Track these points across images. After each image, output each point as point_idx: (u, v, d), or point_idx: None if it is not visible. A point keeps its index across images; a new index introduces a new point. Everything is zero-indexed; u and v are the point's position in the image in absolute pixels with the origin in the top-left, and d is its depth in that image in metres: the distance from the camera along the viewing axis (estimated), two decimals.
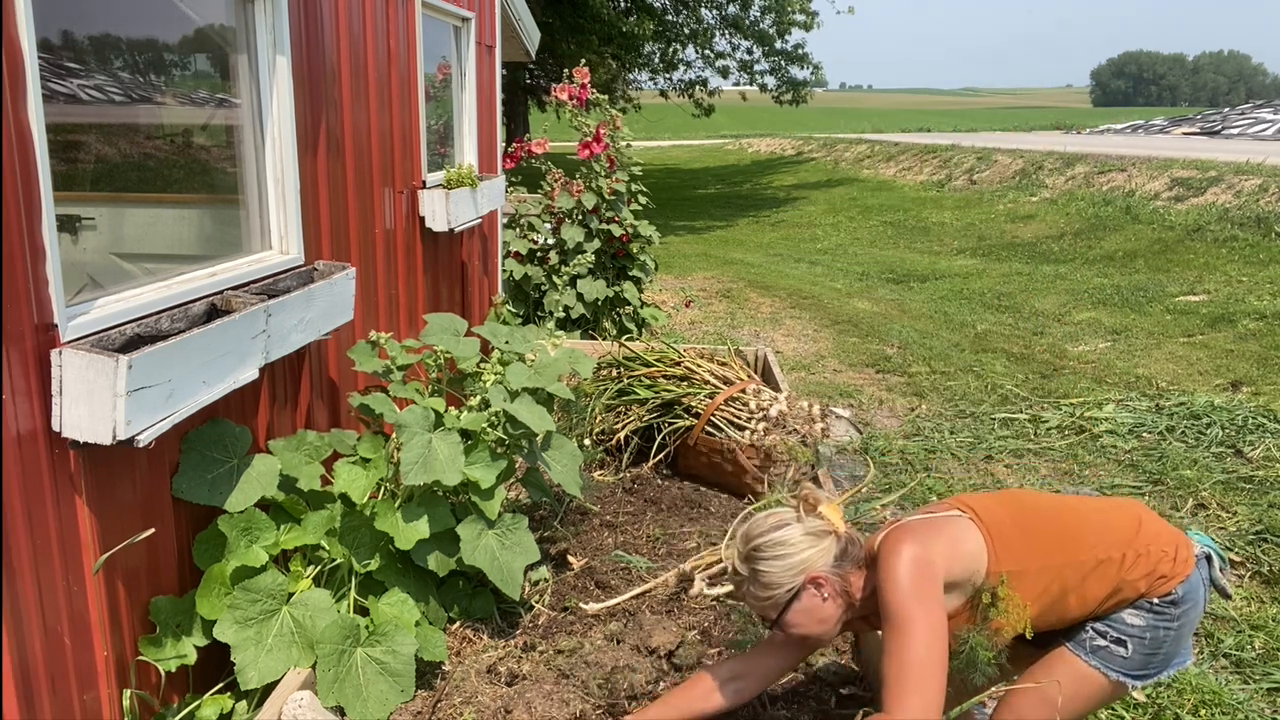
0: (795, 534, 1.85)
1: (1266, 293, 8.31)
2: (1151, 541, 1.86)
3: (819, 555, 1.84)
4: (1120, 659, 1.85)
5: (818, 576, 1.84)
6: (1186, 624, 1.87)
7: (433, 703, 2.42)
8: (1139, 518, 1.91)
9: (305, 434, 2.64)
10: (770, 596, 1.85)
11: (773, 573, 1.84)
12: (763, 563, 1.85)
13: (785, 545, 1.84)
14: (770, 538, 1.86)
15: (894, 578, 1.74)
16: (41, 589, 1.79)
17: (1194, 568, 1.87)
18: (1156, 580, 1.84)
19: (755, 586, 1.86)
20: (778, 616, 1.87)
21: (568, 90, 5.92)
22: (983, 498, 1.95)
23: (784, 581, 1.83)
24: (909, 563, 1.75)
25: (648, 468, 4.17)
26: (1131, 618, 1.85)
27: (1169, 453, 4.77)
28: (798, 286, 9.96)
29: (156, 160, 2.43)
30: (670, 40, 20.84)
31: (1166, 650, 1.86)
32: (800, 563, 1.83)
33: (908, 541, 1.78)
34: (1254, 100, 51.90)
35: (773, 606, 1.87)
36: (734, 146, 35.64)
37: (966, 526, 1.85)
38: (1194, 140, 21.41)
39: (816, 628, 1.88)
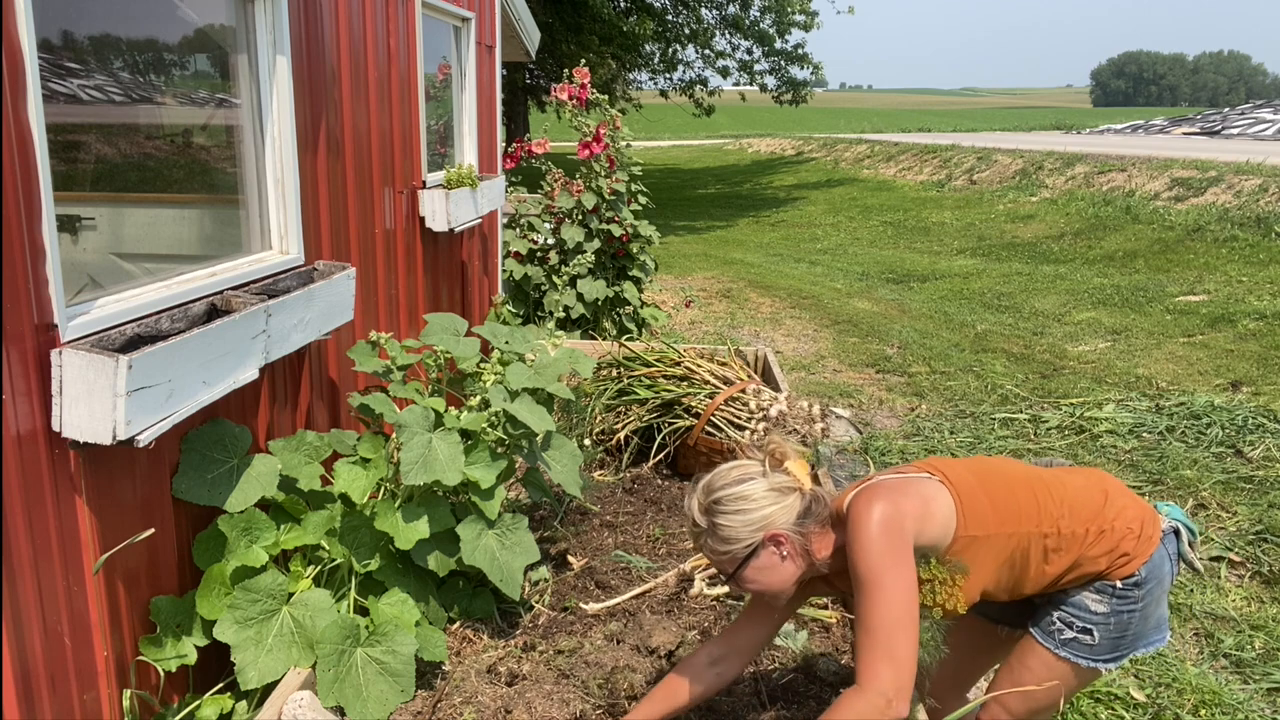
0: (758, 489, 1.80)
1: (1266, 293, 8.31)
2: (1116, 517, 1.83)
3: (781, 512, 1.79)
4: (1088, 647, 1.85)
5: (778, 534, 1.79)
6: (1151, 602, 1.85)
7: (433, 703, 2.42)
8: (1105, 491, 1.88)
9: (305, 434, 2.64)
10: (728, 551, 1.81)
11: (732, 527, 1.79)
12: (722, 516, 1.80)
13: (746, 500, 1.79)
14: (732, 491, 1.81)
15: (865, 538, 1.70)
16: (41, 589, 1.79)
17: (1158, 545, 1.84)
18: (1118, 558, 1.81)
19: (713, 540, 1.82)
20: (734, 571, 1.83)
21: (568, 90, 5.92)
22: (952, 463, 1.91)
23: (743, 537, 1.79)
24: (880, 522, 1.70)
25: (648, 468, 4.17)
26: (1095, 604, 1.83)
27: (1169, 453, 4.77)
28: (798, 286, 9.96)
29: (156, 160, 2.43)
30: (670, 40, 20.84)
31: (1134, 630, 1.85)
32: (761, 519, 1.78)
33: (879, 500, 1.73)
34: (1254, 100, 51.89)
35: (730, 561, 1.82)
36: (734, 146, 35.64)
37: (937, 489, 1.81)
38: (1194, 140, 21.41)
39: (774, 585, 1.84)
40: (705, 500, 1.83)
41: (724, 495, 1.80)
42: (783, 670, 2.57)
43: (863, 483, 1.87)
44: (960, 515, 1.78)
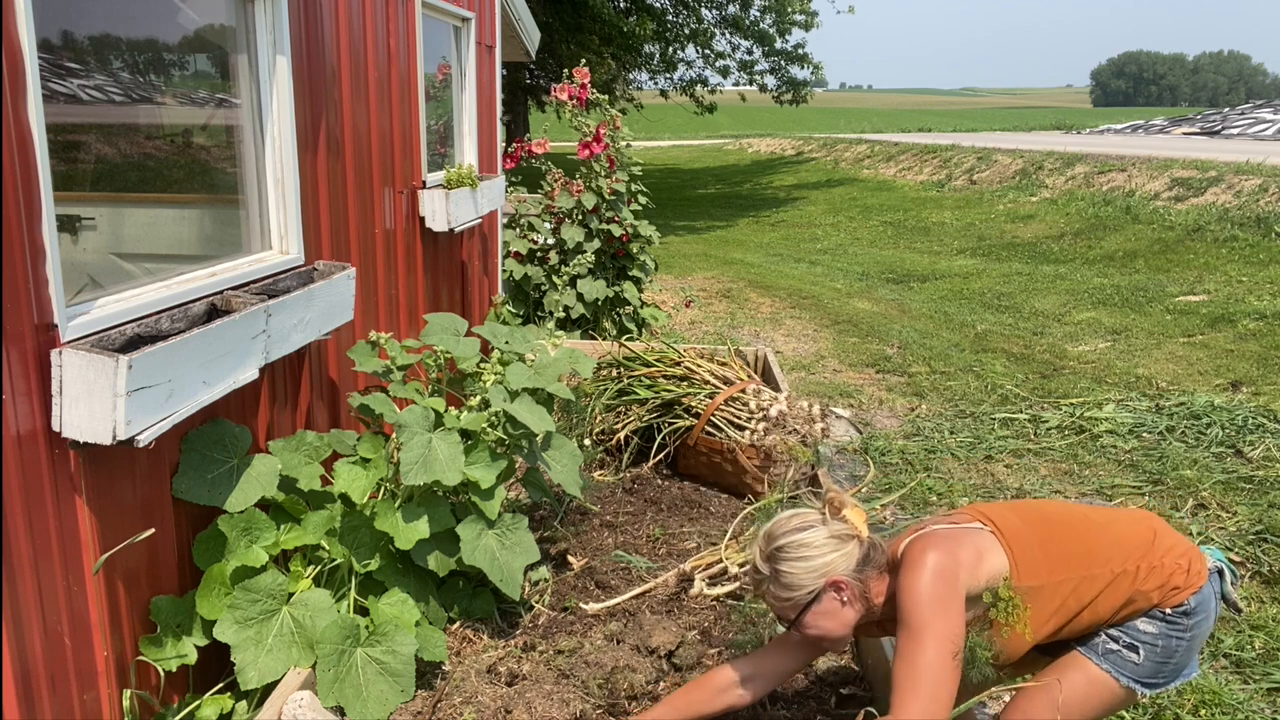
0: (820, 537, 1.85)
1: (1266, 293, 8.31)
2: (1166, 554, 1.88)
3: (842, 559, 1.84)
4: (1132, 665, 1.87)
5: (839, 580, 1.83)
6: (1198, 635, 1.88)
7: (433, 703, 2.42)
8: (1154, 529, 1.93)
9: (305, 434, 2.64)
10: (791, 598, 1.85)
11: (795, 574, 1.83)
12: (785, 563, 1.84)
13: (809, 547, 1.84)
14: (795, 539, 1.85)
15: (916, 583, 1.75)
16: (41, 589, 1.79)
17: (1206, 580, 1.89)
18: (1170, 591, 1.85)
19: (776, 586, 1.86)
20: (796, 617, 1.87)
21: (568, 90, 5.92)
22: (1001, 509, 1.95)
23: (805, 584, 1.83)
24: (933, 570, 1.75)
25: (648, 468, 4.17)
26: (1145, 625, 1.86)
27: (1169, 453, 4.77)
28: (798, 286, 9.96)
29: (156, 160, 2.43)
30: (670, 40, 20.83)
31: (1178, 660, 1.88)
32: (823, 565, 1.83)
33: (934, 549, 1.79)
34: (1254, 100, 51.91)
35: (792, 607, 1.87)
36: (734, 146, 35.64)
37: (990, 541, 1.85)
38: (1194, 140, 21.42)
39: (834, 630, 1.88)
40: (767, 547, 1.88)
41: (787, 543, 1.85)
42: None
43: (918, 529, 1.91)
44: (1014, 566, 1.82)
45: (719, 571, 3.09)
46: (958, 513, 1.97)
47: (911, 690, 1.66)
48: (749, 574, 1.96)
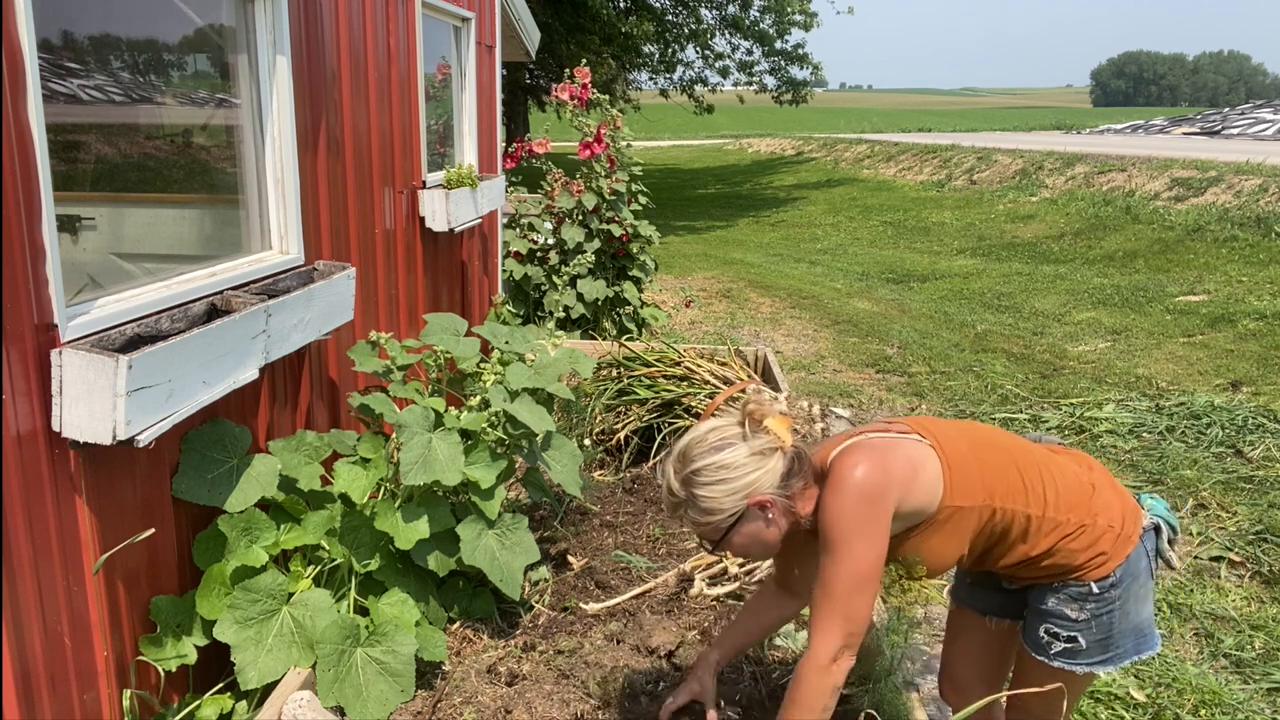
0: (740, 455, 1.70)
1: (1266, 293, 8.31)
2: (1100, 513, 1.81)
3: (765, 476, 1.70)
4: (1080, 653, 1.86)
5: (763, 499, 1.71)
6: (1130, 598, 1.84)
7: (433, 703, 2.42)
8: (1094, 484, 1.86)
9: (305, 434, 2.64)
10: (711, 521, 1.73)
11: (714, 498, 1.70)
12: (703, 487, 1.70)
13: (728, 469, 1.70)
14: (712, 460, 1.71)
15: (839, 503, 1.65)
16: (41, 589, 1.79)
17: (1137, 543, 1.83)
18: (1095, 556, 1.79)
19: (694, 511, 1.73)
20: (719, 539, 1.76)
21: (569, 90, 5.93)
22: (943, 426, 1.85)
23: (726, 507, 1.70)
24: (859, 489, 1.65)
25: (648, 468, 4.17)
26: (1074, 613, 1.83)
27: (1169, 453, 4.77)
28: (798, 286, 9.96)
29: (156, 160, 2.43)
30: (670, 41, 20.83)
31: (1118, 629, 1.85)
32: (745, 486, 1.70)
33: (863, 463, 1.67)
34: (1254, 100, 51.92)
35: (714, 530, 1.74)
36: (734, 146, 35.65)
37: (927, 454, 1.75)
38: (1194, 140, 21.42)
39: (758, 551, 1.80)
40: (683, 470, 1.73)
41: (704, 465, 1.71)
42: (783, 670, 2.56)
43: (848, 437, 1.80)
44: (947, 484, 1.73)
45: (719, 571, 3.09)
46: (898, 422, 1.85)
47: (829, 617, 1.64)
48: (664, 497, 1.79)
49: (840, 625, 1.64)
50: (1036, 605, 1.90)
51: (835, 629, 1.64)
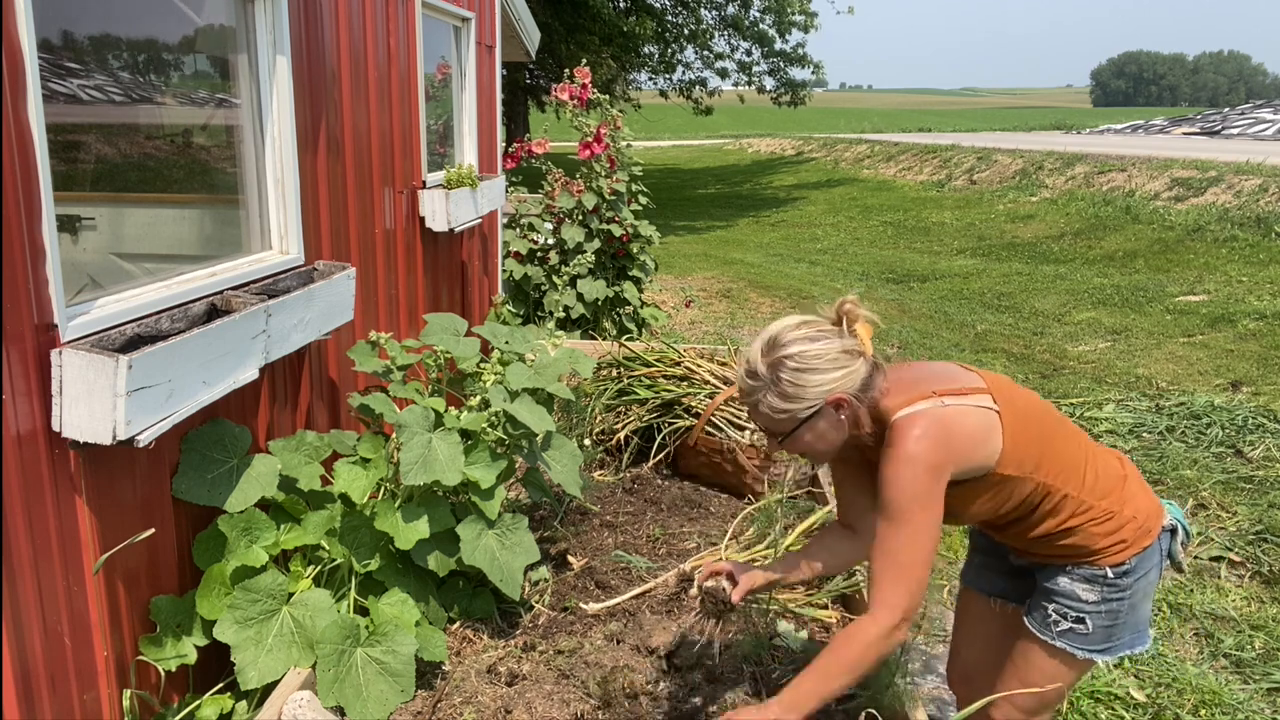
0: (833, 349, 1.70)
1: (1266, 293, 8.31)
2: (1127, 503, 1.83)
3: (849, 377, 1.70)
4: (1083, 636, 1.87)
5: (842, 398, 1.70)
6: (1139, 592, 1.86)
7: (433, 703, 2.42)
8: (1125, 475, 1.89)
9: (305, 434, 2.64)
10: (789, 411, 1.70)
11: (801, 386, 1.68)
12: (792, 373, 1.68)
13: (819, 359, 1.69)
14: (806, 348, 1.69)
15: (905, 469, 1.65)
16: (41, 589, 1.79)
17: (1154, 540, 1.85)
18: (1114, 544, 1.82)
19: (774, 396, 1.70)
20: (789, 432, 1.73)
21: (569, 90, 5.93)
22: (1011, 391, 1.84)
23: (808, 398, 1.69)
24: (924, 458, 1.65)
25: (648, 468, 4.17)
26: (1085, 594, 1.85)
27: (1169, 453, 4.77)
28: (798, 286, 9.96)
29: (156, 160, 2.43)
30: (670, 41, 20.84)
31: (1124, 620, 1.86)
32: (830, 381, 1.69)
33: (930, 437, 1.67)
34: (1254, 100, 51.91)
35: (788, 422, 1.72)
36: (734, 146, 35.65)
37: (992, 424, 1.74)
38: (1194, 140, 21.42)
39: (820, 450, 1.77)
40: (772, 354, 1.70)
41: (796, 352, 1.69)
42: (783, 670, 2.57)
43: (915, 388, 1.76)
44: (1003, 453, 1.74)
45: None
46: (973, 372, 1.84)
47: (891, 583, 1.65)
48: (740, 380, 1.75)
49: (904, 597, 1.66)
50: (1047, 585, 1.91)
51: (899, 600, 1.66)
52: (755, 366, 1.72)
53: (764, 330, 1.77)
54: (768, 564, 2.13)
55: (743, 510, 3.54)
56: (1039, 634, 1.91)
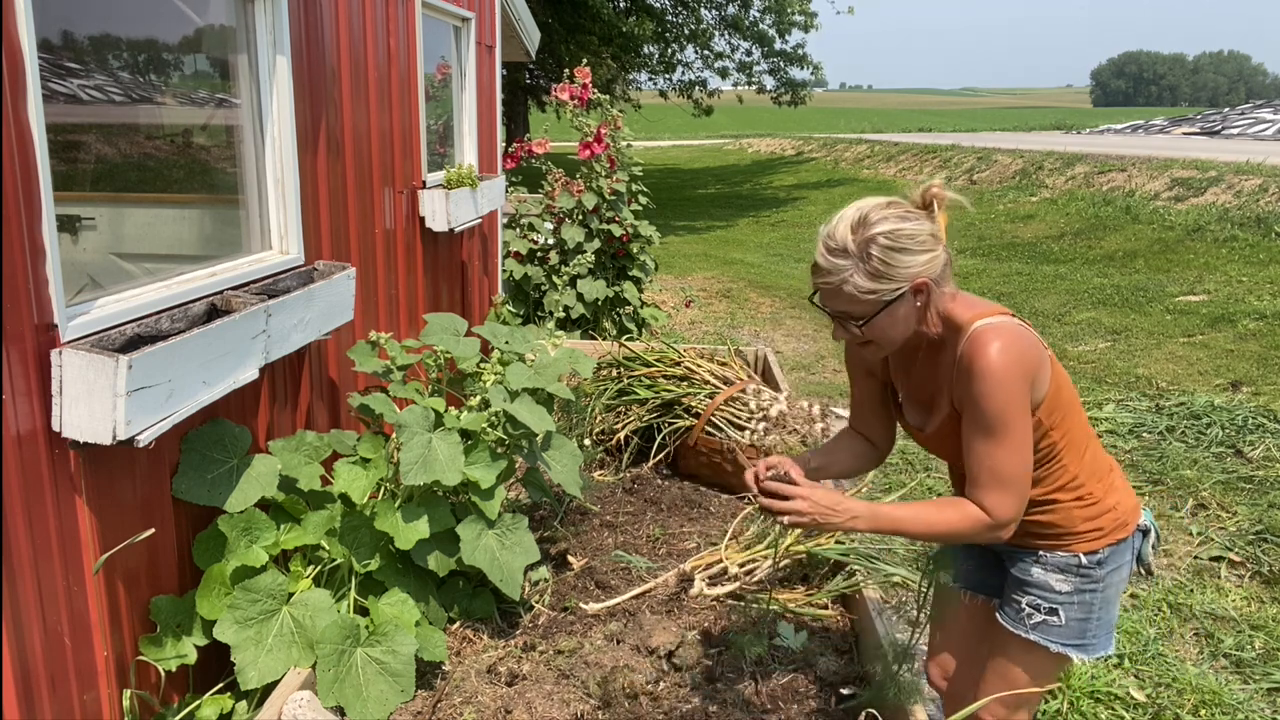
0: (924, 230, 1.64)
1: (1266, 293, 8.31)
2: (1110, 493, 1.85)
3: (934, 262, 1.65)
4: (1057, 629, 1.87)
5: (925, 283, 1.65)
6: (1111, 586, 1.87)
7: (433, 703, 2.42)
8: (1112, 468, 1.91)
9: (305, 434, 2.64)
10: (875, 292, 1.64)
11: (891, 266, 1.62)
12: (884, 251, 1.61)
13: (912, 240, 1.63)
14: (900, 226, 1.62)
15: (1000, 382, 1.62)
16: (41, 589, 1.79)
17: (1129, 535, 1.87)
18: (1091, 530, 1.83)
19: (862, 276, 1.63)
20: (870, 316, 1.67)
21: (569, 90, 5.93)
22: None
23: (897, 279, 1.63)
24: (1021, 367, 1.63)
25: (648, 468, 4.17)
26: (1059, 584, 1.86)
27: (1169, 453, 4.77)
28: (798, 286, 9.96)
29: (156, 160, 2.43)
30: (670, 41, 20.83)
31: (1097, 615, 1.87)
32: (919, 263, 1.63)
33: (1018, 346, 1.64)
34: (1254, 100, 51.93)
35: (871, 305, 1.65)
36: (734, 146, 35.64)
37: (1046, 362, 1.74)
38: (1194, 140, 21.41)
39: (892, 337, 1.71)
40: (864, 232, 1.63)
41: (890, 230, 1.62)
42: (783, 670, 2.57)
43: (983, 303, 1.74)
44: (1046, 398, 1.74)
45: (719, 571, 3.09)
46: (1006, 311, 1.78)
47: (999, 498, 1.66)
48: (824, 260, 1.66)
49: (1012, 509, 1.68)
50: (1019, 576, 1.91)
51: (1008, 512, 1.68)
52: (844, 244, 1.64)
53: (846, 210, 1.68)
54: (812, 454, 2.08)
55: (743, 510, 3.54)
56: (1013, 629, 1.92)
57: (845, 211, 1.68)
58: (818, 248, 1.69)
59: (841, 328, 1.74)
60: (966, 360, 1.67)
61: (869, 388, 2.02)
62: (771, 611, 2.79)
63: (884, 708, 2.21)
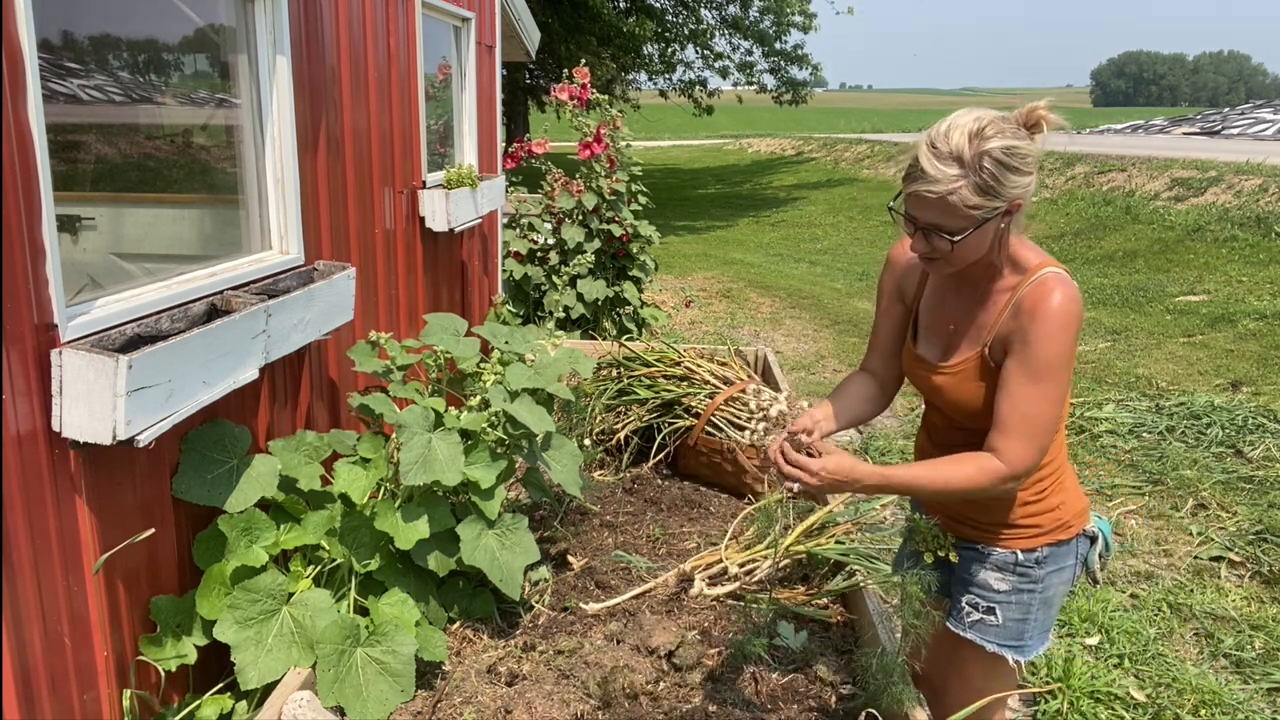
0: (1033, 150, 1.60)
1: (1266, 293, 8.31)
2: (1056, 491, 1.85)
3: (1029, 187, 1.61)
4: (994, 629, 1.88)
5: (1019, 203, 1.62)
6: (1050, 588, 1.86)
7: (433, 703, 2.42)
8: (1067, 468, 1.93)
9: (305, 434, 2.64)
10: (979, 207, 1.58)
11: (1002, 181, 1.57)
12: (996, 166, 1.56)
13: (1023, 159, 1.58)
14: (1014, 143, 1.57)
15: (1060, 326, 1.62)
16: (41, 589, 1.79)
17: (1071, 538, 1.87)
18: (1028, 526, 1.83)
19: (970, 189, 1.56)
20: (966, 231, 1.61)
21: (568, 90, 5.93)
22: None
23: (1005, 195, 1.58)
24: (1075, 323, 1.63)
25: (648, 468, 4.17)
26: (997, 583, 1.86)
27: (1169, 453, 4.77)
28: (798, 286, 9.96)
29: (156, 160, 2.43)
30: (670, 41, 20.84)
31: (1035, 615, 1.87)
32: (1024, 184, 1.59)
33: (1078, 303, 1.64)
34: (1254, 100, 51.93)
35: (970, 220, 1.59)
36: (734, 146, 35.64)
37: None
38: (1194, 140, 21.41)
39: (965, 258, 1.66)
40: (981, 144, 1.56)
41: (1006, 145, 1.56)
42: (783, 670, 2.57)
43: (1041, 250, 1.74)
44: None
45: (719, 571, 3.09)
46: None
47: (1023, 441, 1.65)
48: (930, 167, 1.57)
49: (1032, 457, 1.67)
50: (963, 575, 1.93)
51: (1028, 458, 1.67)
52: (959, 152, 1.56)
53: (957, 117, 1.61)
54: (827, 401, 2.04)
55: (743, 510, 3.54)
56: (954, 628, 1.94)
57: (956, 118, 1.61)
58: (921, 153, 1.60)
59: (924, 240, 1.67)
60: (1031, 301, 1.66)
61: (896, 317, 1.97)
62: (771, 611, 2.79)
63: (883, 708, 2.21)
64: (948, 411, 1.85)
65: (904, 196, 1.67)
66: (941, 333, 1.84)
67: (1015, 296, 1.69)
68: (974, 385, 1.74)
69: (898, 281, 1.93)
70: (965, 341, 1.78)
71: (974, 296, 1.77)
